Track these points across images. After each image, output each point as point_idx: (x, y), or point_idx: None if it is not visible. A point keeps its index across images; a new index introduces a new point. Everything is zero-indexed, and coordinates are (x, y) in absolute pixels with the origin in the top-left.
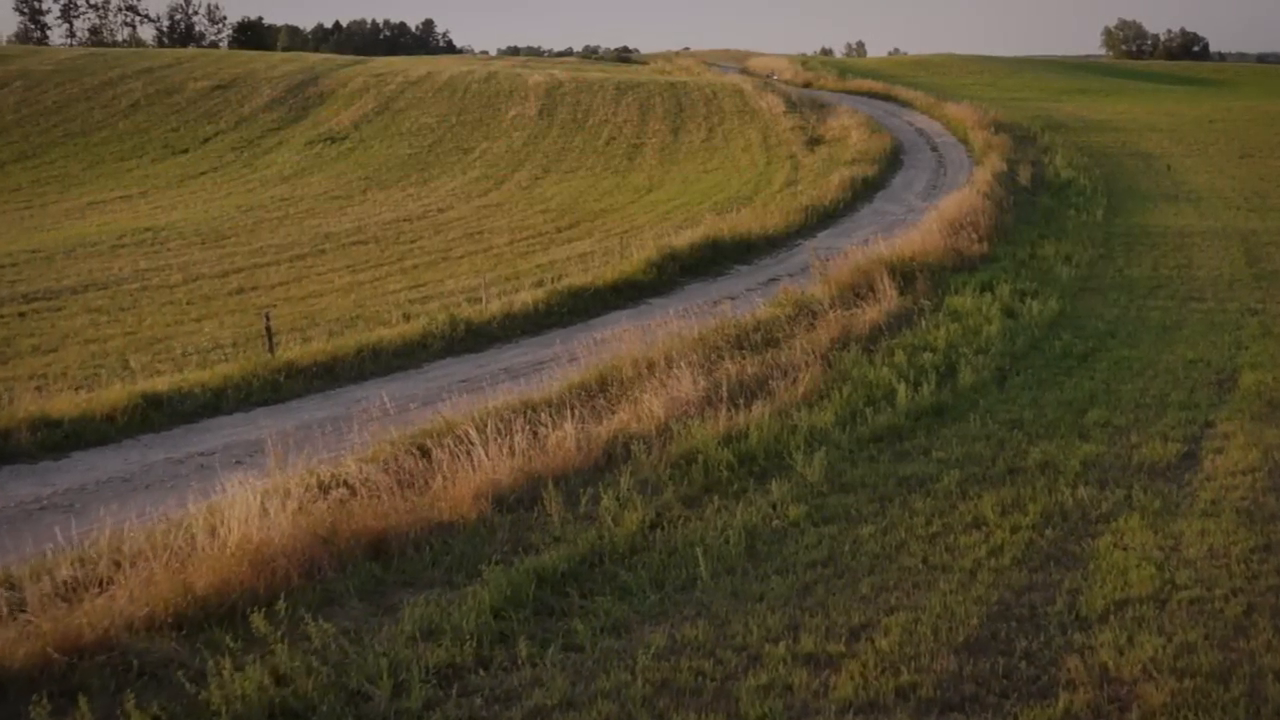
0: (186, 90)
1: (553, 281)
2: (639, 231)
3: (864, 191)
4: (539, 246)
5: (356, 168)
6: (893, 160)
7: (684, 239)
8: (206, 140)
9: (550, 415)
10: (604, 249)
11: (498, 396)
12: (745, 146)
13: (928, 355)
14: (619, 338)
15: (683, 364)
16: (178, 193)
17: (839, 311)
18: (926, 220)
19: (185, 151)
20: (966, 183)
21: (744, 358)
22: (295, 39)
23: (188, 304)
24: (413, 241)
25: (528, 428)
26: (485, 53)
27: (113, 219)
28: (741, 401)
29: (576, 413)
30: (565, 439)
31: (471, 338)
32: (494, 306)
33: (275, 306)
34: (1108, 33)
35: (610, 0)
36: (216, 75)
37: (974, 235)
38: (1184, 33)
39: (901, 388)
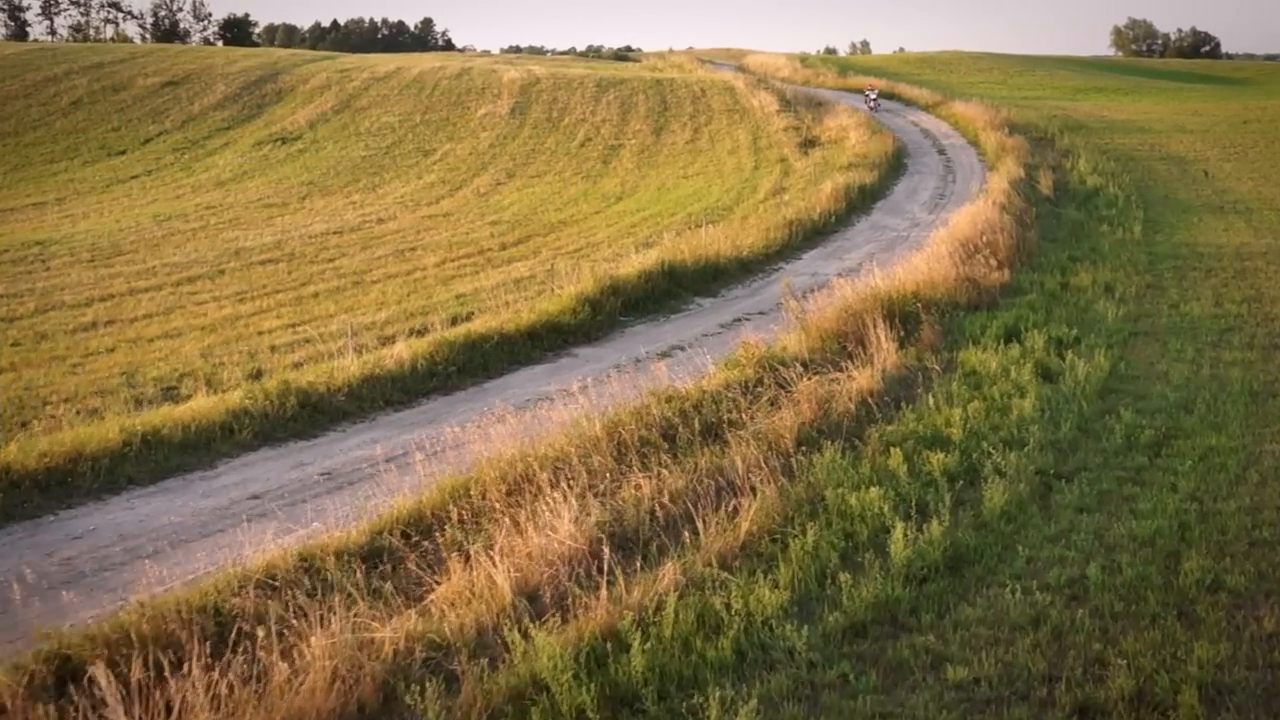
0: (134, 87)
1: (458, 321)
2: (595, 249)
3: (861, 202)
4: (471, 269)
5: (303, 171)
6: (895, 165)
7: (632, 266)
8: (147, 141)
9: (329, 588)
10: (547, 273)
11: (269, 540)
12: (732, 148)
13: (938, 456)
14: (491, 426)
15: (575, 479)
16: (98, 199)
17: (815, 378)
18: (934, 240)
19: (122, 153)
20: (980, 192)
21: (669, 463)
22: (292, 38)
23: (12, 346)
24: (331, 260)
25: (255, 642)
26: (487, 52)
27: (11, 230)
28: (643, 560)
29: (373, 579)
30: (315, 662)
31: (308, 415)
32: (353, 368)
33: (112, 351)
34: (1117, 32)
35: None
36: (170, 71)
37: (992, 260)
38: (1195, 32)
39: (899, 528)
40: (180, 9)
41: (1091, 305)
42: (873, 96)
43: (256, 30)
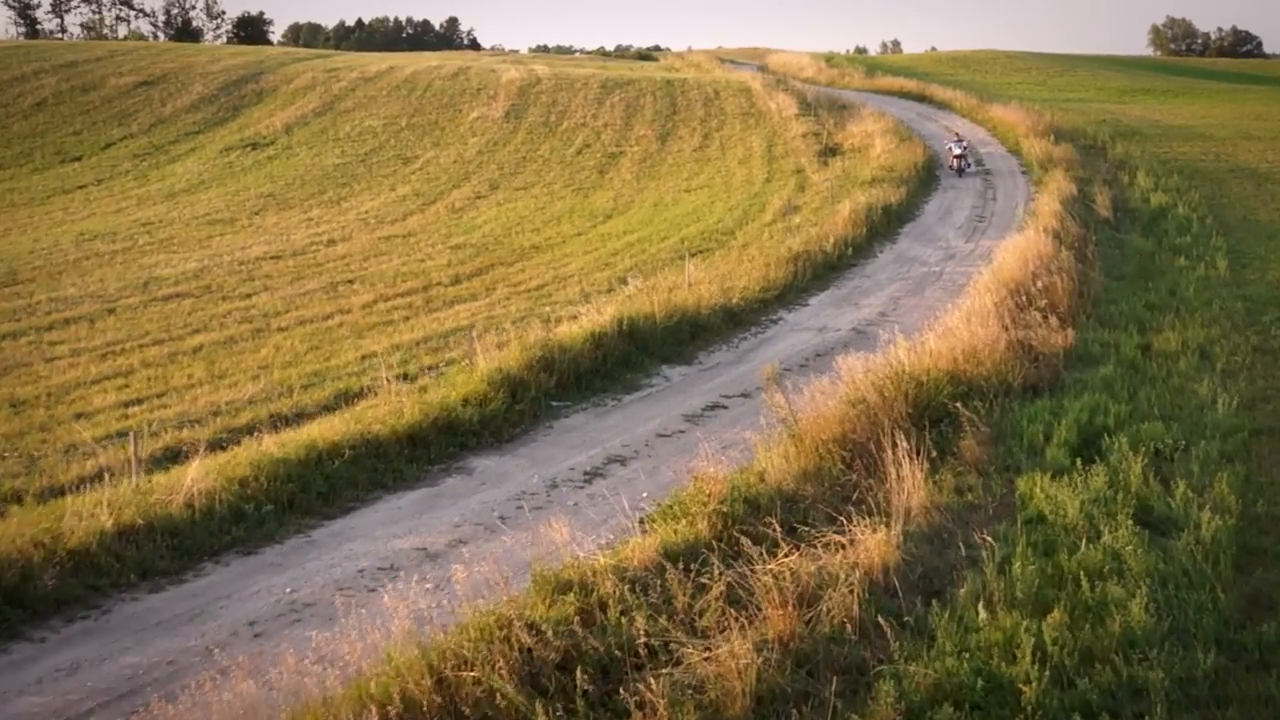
0: (106, 87)
1: (341, 402)
2: (561, 285)
3: (885, 226)
4: (404, 312)
5: (265, 181)
6: (926, 178)
7: (581, 326)
8: (108, 146)
9: None
10: (490, 320)
11: None
12: (744, 157)
13: None
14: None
15: None
16: (30, 213)
17: (797, 553)
18: (975, 286)
19: (78, 159)
20: (1026, 214)
21: None
22: (316, 37)
23: None
24: (249, 296)
25: None
26: (515, 51)
27: None
28: None
29: None
30: None
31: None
32: (102, 516)
33: None
34: (1155, 31)
35: None
36: (147, 70)
37: (1050, 313)
38: (1235, 31)
39: None
40: (193, 6)
41: (1188, 385)
42: (957, 151)
43: (272, 29)
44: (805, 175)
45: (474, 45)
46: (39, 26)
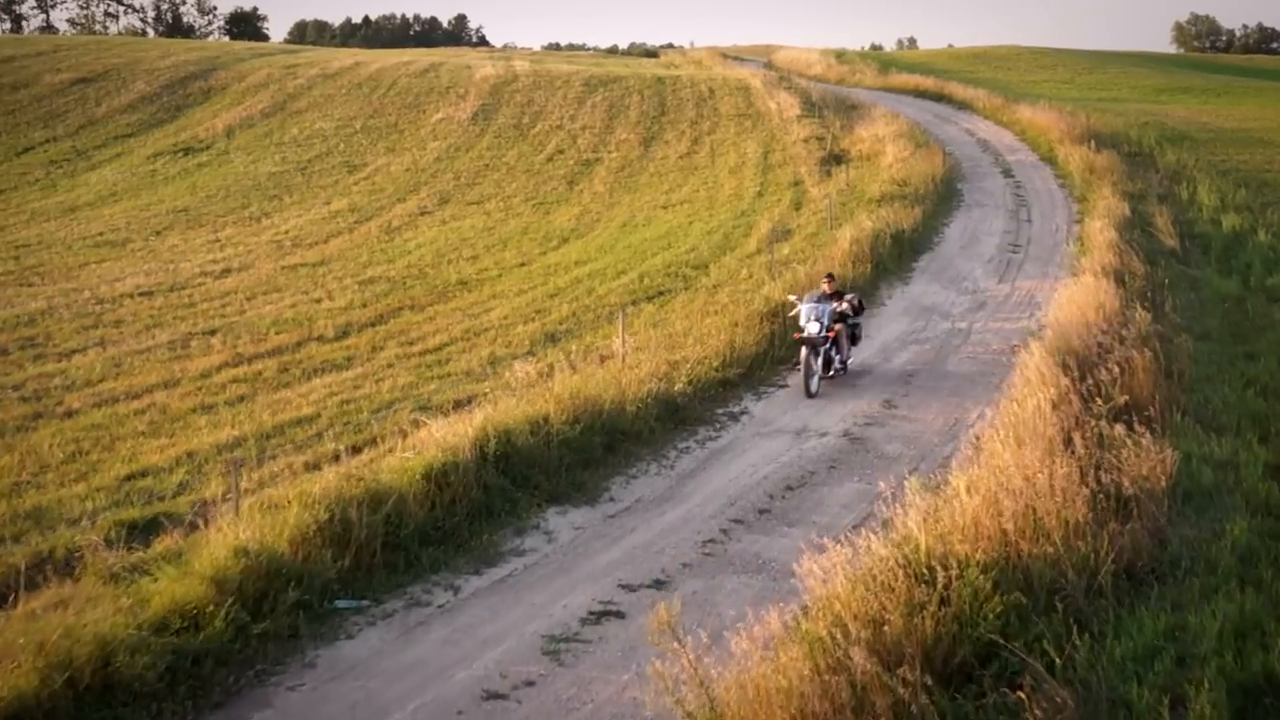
0: (39, 84)
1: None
2: (469, 345)
3: (894, 261)
4: (244, 388)
5: (186, 193)
6: (945, 193)
7: (423, 453)
8: (25, 151)
9: None
10: (344, 409)
11: None
12: (736, 165)
13: None
14: None
15: None
16: None
17: None
18: (1023, 372)
19: None
20: (1072, 243)
21: None
22: (323, 34)
23: None
24: (74, 353)
25: None
26: (528, 48)
27: None
28: None
29: None
30: None
31: None
32: None
33: None
34: (1178, 27)
35: None
36: (89, 66)
37: (1133, 413)
38: (1261, 28)
39: None
40: (183, 1)
41: None
42: (813, 329)
43: (267, 25)
44: (803, 188)
45: (483, 42)
46: (24, 22)
